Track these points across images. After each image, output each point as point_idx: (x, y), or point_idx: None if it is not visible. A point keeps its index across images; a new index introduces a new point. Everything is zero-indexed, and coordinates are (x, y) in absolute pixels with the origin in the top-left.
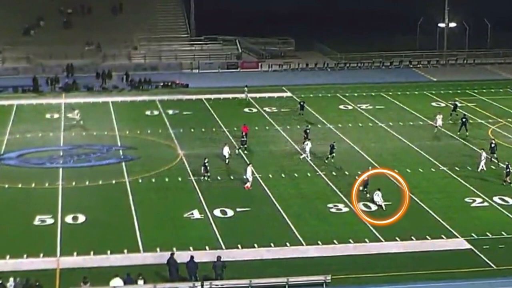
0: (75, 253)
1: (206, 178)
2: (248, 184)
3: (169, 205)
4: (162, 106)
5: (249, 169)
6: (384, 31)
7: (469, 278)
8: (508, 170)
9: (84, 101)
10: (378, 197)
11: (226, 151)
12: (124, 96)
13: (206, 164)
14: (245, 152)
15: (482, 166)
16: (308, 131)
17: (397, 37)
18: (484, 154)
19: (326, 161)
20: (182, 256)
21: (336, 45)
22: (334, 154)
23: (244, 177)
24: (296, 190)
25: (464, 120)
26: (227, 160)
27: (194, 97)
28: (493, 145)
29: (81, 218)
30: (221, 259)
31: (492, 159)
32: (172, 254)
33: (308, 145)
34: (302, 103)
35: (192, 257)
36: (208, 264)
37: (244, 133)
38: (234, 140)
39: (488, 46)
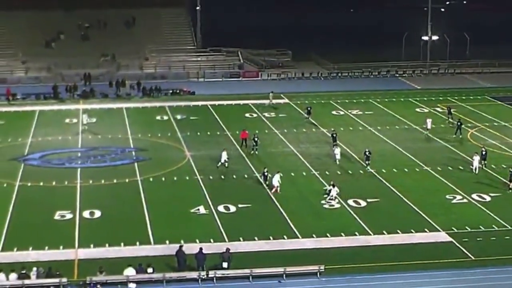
0: (91, 245)
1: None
2: (277, 189)
3: (177, 202)
4: (171, 111)
5: (277, 175)
6: (373, 44)
7: (450, 268)
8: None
9: (100, 107)
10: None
11: (224, 156)
12: (136, 103)
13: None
14: (256, 153)
15: (476, 168)
16: (335, 135)
17: (385, 49)
18: (477, 157)
19: (366, 168)
20: (189, 248)
21: (329, 56)
22: (369, 162)
23: (272, 183)
24: (293, 188)
25: (459, 123)
26: (226, 164)
27: (200, 103)
28: (483, 153)
29: (97, 214)
30: (230, 251)
31: (482, 164)
32: (180, 247)
33: (337, 150)
34: (309, 108)
35: (201, 248)
36: (214, 255)
37: (242, 139)
38: (236, 143)
39: (467, 57)
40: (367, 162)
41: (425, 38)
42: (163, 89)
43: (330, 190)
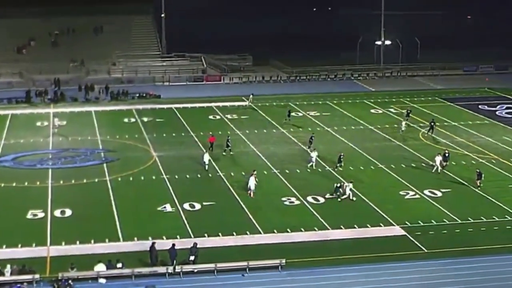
0: (63, 243)
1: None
2: (251, 193)
3: (145, 200)
4: (138, 114)
5: (252, 178)
6: (329, 49)
7: (404, 260)
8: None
9: (70, 111)
10: (348, 189)
11: (206, 158)
12: (104, 106)
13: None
14: (231, 153)
15: (437, 167)
16: (312, 139)
17: (341, 54)
18: (439, 158)
19: (338, 167)
20: (158, 245)
21: (288, 60)
22: (342, 163)
23: (249, 185)
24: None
25: (432, 124)
26: (206, 166)
27: (165, 106)
28: (446, 154)
29: (68, 212)
30: (197, 245)
31: (444, 166)
32: (153, 243)
33: (313, 153)
34: (289, 110)
35: (173, 244)
36: (183, 251)
37: (210, 143)
38: (201, 144)
39: (418, 60)
40: (338, 164)
41: (379, 42)
42: (130, 93)
43: (337, 187)
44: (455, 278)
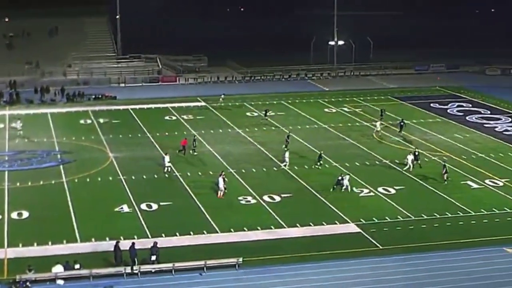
0: (20, 245)
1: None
2: (221, 194)
3: (102, 201)
4: (94, 115)
5: (221, 179)
6: (283, 49)
7: (360, 257)
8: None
9: (25, 113)
10: (346, 180)
11: (167, 160)
12: (60, 108)
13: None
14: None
15: (410, 165)
16: (288, 138)
17: (295, 54)
18: (411, 157)
19: (316, 166)
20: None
21: (243, 61)
22: (321, 162)
23: (219, 185)
24: (211, 185)
25: (402, 123)
26: (165, 168)
27: (121, 107)
28: (416, 154)
29: (25, 214)
30: (157, 245)
31: (415, 164)
32: (117, 242)
33: (287, 153)
34: (266, 110)
35: (133, 243)
36: (141, 251)
37: (183, 146)
38: (158, 144)
39: (370, 60)
40: (319, 163)
41: (332, 43)
42: (86, 94)
43: (339, 180)
44: (409, 274)
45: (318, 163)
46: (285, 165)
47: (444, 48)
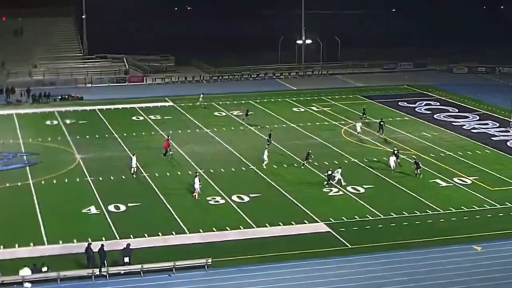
0: None
1: None
2: (196, 193)
3: (69, 203)
4: (60, 116)
5: (196, 180)
6: (251, 49)
7: (329, 256)
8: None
9: None
10: (338, 174)
11: (134, 161)
12: (26, 109)
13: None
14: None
15: (393, 166)
16: (270, 137)
17: (262, 53)
18: (393, 158)
19: (302, 167)
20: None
21: (211, 61)
22: (311, 160)
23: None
24: (179, 186)
25: (381, 123)
26: (132, 169)
27: (88, 108)
28: (396, 152)
29: None
30: (130, 246)
31: (396, 163)
32: (89, 244)
33: (265, 154)
34: (247, 110)
35: (102, 245)
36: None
37: (165, 149)
38: (125, 145)
39: (338, 59)
40: (305, 161)
41: (300, 42)
42: (52, 95)
43: (330, 175)
44: (378, 273)
45: (305, 161)
46: (265, 164)
47: (412, 47)
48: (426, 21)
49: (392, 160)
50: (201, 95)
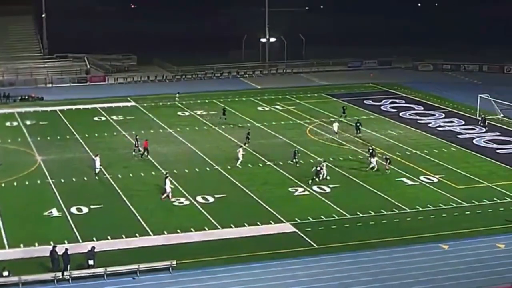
0: None
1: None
2: (166, 195)
3: (30, 205)
4: (20, 117)
5: (167, 181)
6: (215, 47)
7: (296, 257)
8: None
9: None
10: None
11: (97, 163)
12: None
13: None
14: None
15: (375, 166)
16: (249, 136)
17: (226, 52)
18: (374, 159)
19: (292, 163)
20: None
21: (174, 60)
22: (297, 159)
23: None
24: (143, 187)
25: (358, 124)
26: (96, 170)
27: (49, 108)
28: (371, 151)
29: None
30: (95, 249)
31: (372, 161)
32: (54, 247)
33: (240, 152)
34: (224, 109)
35: (66, 249)
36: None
37: (145, 148)
38: (87, 146)
39: (303, 57)
40: (294, 160)
41: (263, 40)
42: (11, 96)
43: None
44: (345, 273)
45: (294, 160)
46: (240, 163)
47: (376, 45)
48: (391, 19)
49: (374, 161)
50: (177, 94)
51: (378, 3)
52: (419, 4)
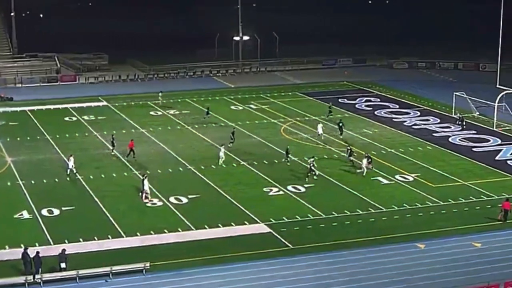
0: None
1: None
2: (145, 196)
3: (0, 208)
4: None
5: (146, 181)
6: (187, 46)
7: (271, 257)
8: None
9: None
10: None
11: (71, 163)
12: None
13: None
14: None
15: (364, 169)
16: (233, 135)
17: (199, 51)
18: (365, 160)
19: (286, 161)
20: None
21: (145, 59)
22: (290, 157)
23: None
24: (115, 188)
25: (340, 124)
26: (68, 171)
27: (18, 109)
28: (349, 151)
29: None
30: (66, 251)
31: (352, 160)
32: (25, 249)
33: (221, 151)
34: (207, 108)
35: (37, 252)
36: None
37: (130, 149)
38: (57, 147)
39: (277, 55)
40: (287, 158)
41: (237, 38)
42: None
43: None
44: (321, 273)
45: (287, 158)
46: (222, 162)
47: (350, 43)
48: (366, 17)
49: (364, 162)
50: (160, 94)
51: (353, 1)
52: (386, 2)
